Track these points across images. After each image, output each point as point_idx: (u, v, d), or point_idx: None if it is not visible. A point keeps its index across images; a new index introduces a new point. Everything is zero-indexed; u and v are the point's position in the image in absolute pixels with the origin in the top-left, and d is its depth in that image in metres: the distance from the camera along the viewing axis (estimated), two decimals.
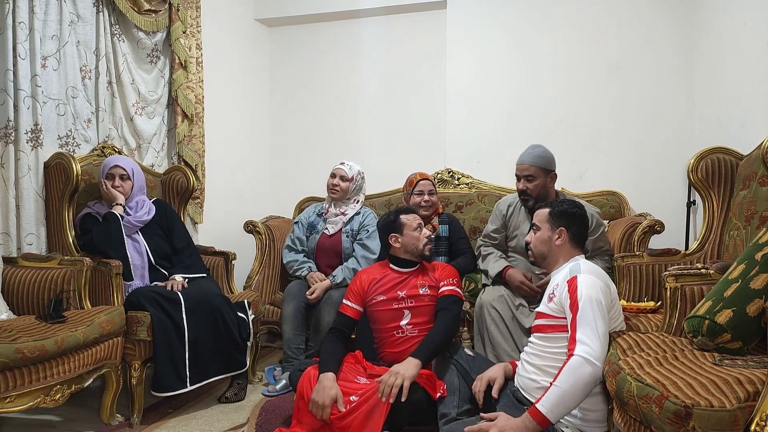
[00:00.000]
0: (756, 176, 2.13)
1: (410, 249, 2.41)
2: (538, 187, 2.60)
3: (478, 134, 3.72)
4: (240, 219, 3.45)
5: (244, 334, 2.63)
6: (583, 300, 1.73)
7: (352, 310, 2.38)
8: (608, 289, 1.83)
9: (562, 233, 1.99)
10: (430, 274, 2.42)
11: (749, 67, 2.65)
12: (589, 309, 1.71)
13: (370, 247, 2.94)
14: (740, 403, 1.23)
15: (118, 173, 2.67)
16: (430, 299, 2.34)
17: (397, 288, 2.36)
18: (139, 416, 2.38)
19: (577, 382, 1.63)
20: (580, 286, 1.76)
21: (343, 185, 3.06)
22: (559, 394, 1.63)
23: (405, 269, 2.42)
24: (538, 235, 2.06)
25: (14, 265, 2.47)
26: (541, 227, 2.05)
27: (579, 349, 1.66)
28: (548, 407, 1.63)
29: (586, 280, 1.78)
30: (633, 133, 3.45)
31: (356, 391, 2.04)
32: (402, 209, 2.51)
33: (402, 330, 2.32)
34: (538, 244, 2.05)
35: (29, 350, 1.90)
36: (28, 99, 2.58)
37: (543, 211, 2.07)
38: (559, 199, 2.40)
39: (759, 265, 1.55)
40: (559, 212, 2.02)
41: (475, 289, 2.84)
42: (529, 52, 3.62)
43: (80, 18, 2.87)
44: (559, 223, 2.00)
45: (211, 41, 3.59)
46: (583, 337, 1.68)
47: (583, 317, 1.71)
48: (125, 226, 2.62)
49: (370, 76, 4.01)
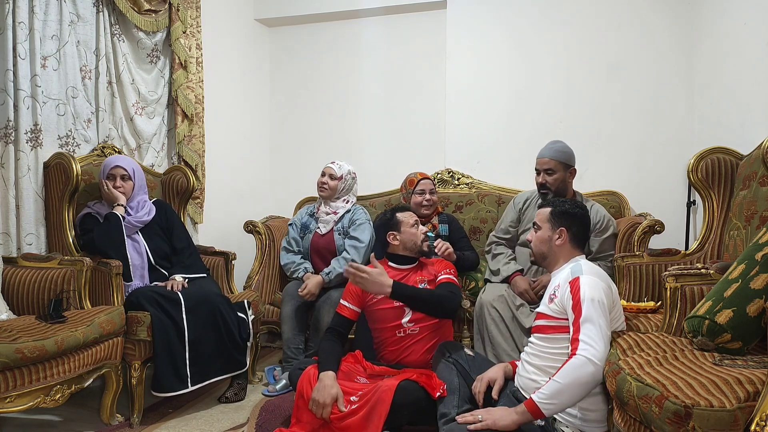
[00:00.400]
0: (756, 176, 2.13)
1: (409, 245, 2.43)
2: (557, 181, 2.68)
3: (478, 134, 3.72)
4: (240, 219, 3.45)
5: (244, 334, 2.63)
6: (586, 301, 1.73)
7: (350, 311, 2.37)
8: (610, 291, 1.84)
9: (562, 233, 1.99)
10: (428, 268, 2.43)
11: (749, 67, 2.65)
12: (592, 310, 1.72)
13: (357, 237, 2.96)
14: (740, 403, 1.23)
15: (119, 173, 2.67)
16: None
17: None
18: (139, 416, 2.38)
19: (577, 380, 1.64)
20: (583, 287, 1.77)
21: (331, 183, 3.07)
22: (556, 388, 1.65)
23: (404, 266, 2.43)
24: (538, 235, 2.06)
25: (14, 265, 2.47)
26: (542, 226, 2.05)
27: (582, 350, 1.67)
28: (544, 399, 1.65)
29: (588, 281, 1.79)
30: (633, 133, 3.45)
31: (356, 391, 2.04)
32: (398, 207, 2.52)
33: (404, 329, 2.32)
34: (539, 243, 2.05)
35: (29, 350, 1.90)
36: (28, 99, 2.58)
37: (544, 210, 2.07)
38: (566, 198, 2.43)
39: (759, 265, 1.55)
40: (561, 212, 2.01)
41: (475, 288, 2.84)
42: (529, 52, 3.62)
43: (80, 18, 2.87)
44: (559, 223, 2.00)
45: (211, 41, 3.59)
46: (586, 338, 1.69)
47: (586, 318, 1.71)
48: (125, 226, 2.62)
49: (370, 76, 4.01)
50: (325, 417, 1.99)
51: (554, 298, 1.89)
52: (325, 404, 1.99)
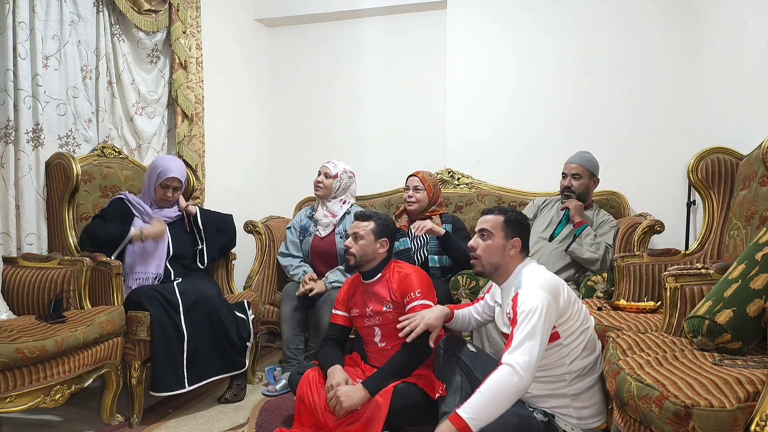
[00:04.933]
0: (756, 176, 2.13)
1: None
2: (582, 186, 2.91)
3: (478, 134, 3.71)
4: (240, 219, 3.44)
5: (244, 334, 2.63)
6: (522, 314, 1.72)
7: (342, 319, 2.35)
8: (555, 296, 1.79)
9: (516, 243, 1.92)
10: (391, 287, 2.26)
11: (749, 67, 2.64)
12: (526, 321, 1.70)
13: None
14: (740, 403, 1.23)
15: (173, 185, 2.74)
16: (395, 316, 2.20)
17: (365, 300, 2.29)
18: (139, 416, 2.38)
19: (501, 391, 1.63)
20: (521, 302, 1.75)
21: (326, 182, 3.06)
22: (482, 401, 1.62)
23: (367, 280, 2.32)
24: (489, 244, 1.92)
25: (14, 265, 2.47)
26: (494, 234, 1.92)
27: (508, 359, 1.65)
28: (469, 413, 1.61)
29: (526, 295, 1.76)
30: (633, 133, 3.44)
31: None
32: (358, 215, 2.41)
33: (378, 348, 2.29)
34: (490, 253, 1.92)
35: (29, 350, 1.90)
36: (29, 99, 2.58)
37: (496, 217, 1.94)
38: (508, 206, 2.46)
39: (759, 265, 1.55)
40: (515, 221, 1.93)
41: (476, 287, 2.84)
42: (529, 52, 3.62)
43: (81, 18, 2.87)
44: (514, 233, 1.92)
45: (211, 41, 3.59)
46: (515, 347, 1.67)
47: (518, 329, 1.70)
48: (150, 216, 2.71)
49: (370, 75, 4.00)
50: (344, 408, 1.97)
51: (510, 317, 1.85)
52: (339, 384, 2.00)
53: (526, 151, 3.61)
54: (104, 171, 2.89)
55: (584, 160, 2.94)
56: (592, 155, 2.98)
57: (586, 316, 1.91)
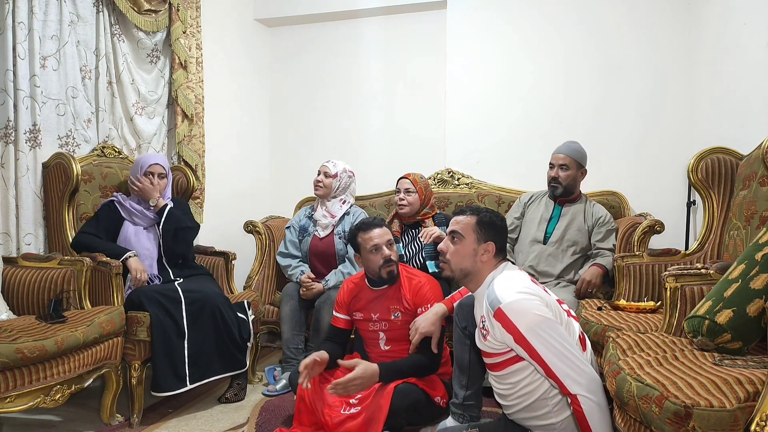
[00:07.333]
0: (756, 176, 2.13)
1: (369, 271, 2.24)
2: (569, 178, 2.82)
3: (478, 134, 3.71)
4: (240, 219, 3.45)
5: (245, 334, 2.63)
6: (529, 333, 1.57)
7: (343, 321, 2.35)
8: (542, 297, 1.67)
9: (490, 248, 1.75)
10: (403, 295, 2.22)
11: (749, 67, 2.65)
12: (543, 347, 1.56)
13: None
14: (740, 403, 1.23)
15: (157, 171, 2.73)
16: (403, 323, 2.20)
17: (370, 307, 2.28)
18: (139, 416, 2.38)
19: (592, 418, 1.58)
20: (517, 323, 1.58)
21: (326, 181, 3.05)
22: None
23: (377, 287, 2.28)
24: (459, 248, 1.76)
25: (14, 265, 2.47)
26: (464, 237, 1.75)
27: (573, 391, 1.58)
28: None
29: (513, 309, 1.59)
30: (633, 133, 3.44)
31: (356, 394, 2.04)
32: (362, 225, 2.27)
33: (381, 351, 2.29)
34: (460, 258, 1.76)
35: (29, 350, 1.90)
36: (27, 99, 2.58)
37: (468, 218, 1.77)
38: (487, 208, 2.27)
39: (759, 265, 1.55)
40: (489, 223, 1.76)
41: None
42: (529, 52, 3.62)
43: (80, 18, 2.87)
44: (487, 236, 1.75)
45: (211, 41, 3.59)
46: (564, 377, 1.57)
47: (545, 356, 1.57)
48: (145, 218, 2.68)
49: (370, 76, 4.00)
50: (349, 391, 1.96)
51: (486, 334, 1.72)
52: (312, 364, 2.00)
53: (526, 151, 3.61)
54: (104, 171, 2.89)
55: (572, 150, 2.84)
56: (581, 145, 2.88)
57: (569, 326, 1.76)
